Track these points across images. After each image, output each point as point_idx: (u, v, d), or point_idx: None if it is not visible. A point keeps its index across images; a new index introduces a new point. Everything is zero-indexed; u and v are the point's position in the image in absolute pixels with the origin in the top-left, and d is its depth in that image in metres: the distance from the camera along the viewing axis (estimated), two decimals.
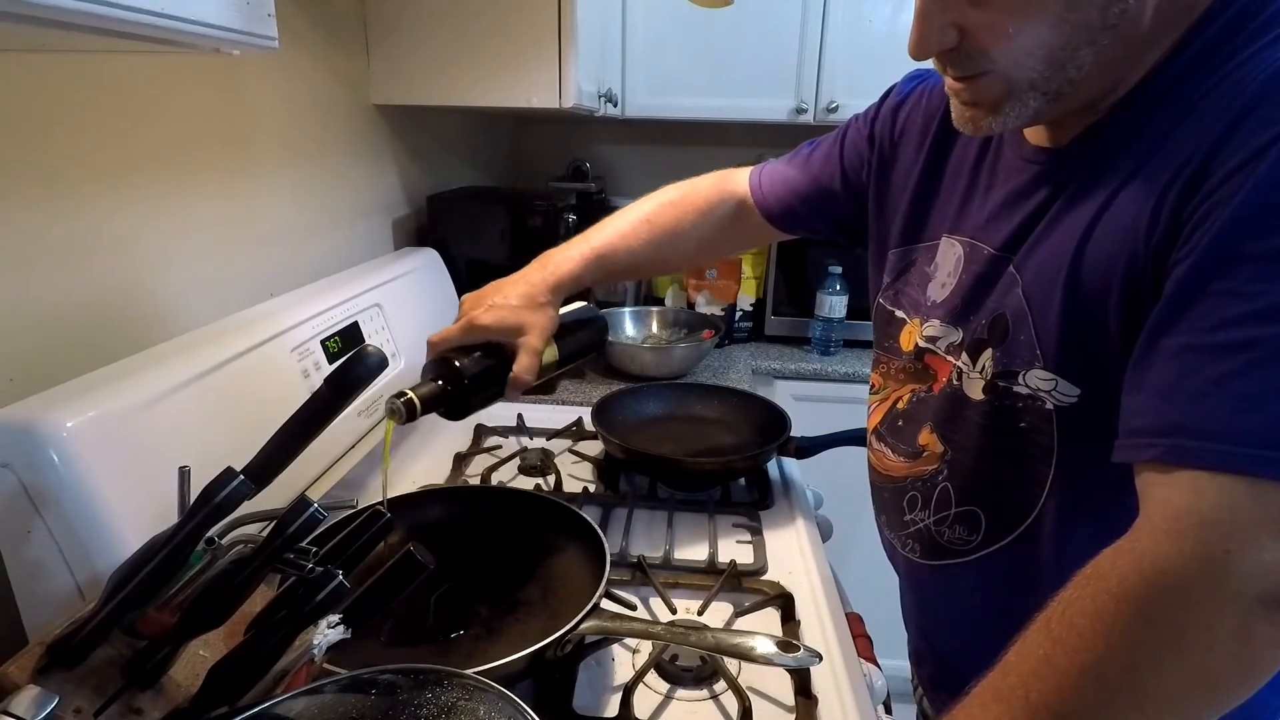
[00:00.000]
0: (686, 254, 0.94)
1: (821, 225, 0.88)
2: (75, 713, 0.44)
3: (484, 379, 0.75)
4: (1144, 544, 0.45)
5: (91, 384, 0.66)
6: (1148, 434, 0.48)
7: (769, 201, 0.89)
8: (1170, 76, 0.54)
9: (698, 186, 0.93)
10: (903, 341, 0.74)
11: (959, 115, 0.61)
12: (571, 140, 2.34)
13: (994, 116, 0.58)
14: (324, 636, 0.46)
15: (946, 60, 0.57)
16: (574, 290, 0.85)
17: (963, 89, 0.58)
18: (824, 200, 0.86)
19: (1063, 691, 0.43)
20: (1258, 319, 0.44)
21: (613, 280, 0.95)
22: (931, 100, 0.76)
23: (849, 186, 0.84)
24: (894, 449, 0.74)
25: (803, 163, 0.88)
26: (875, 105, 0.83)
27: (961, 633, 0.73)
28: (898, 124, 0.79)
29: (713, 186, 0.93)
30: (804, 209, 0.87)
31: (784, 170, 0.89)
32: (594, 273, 0.86)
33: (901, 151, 0.78)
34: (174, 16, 0.46)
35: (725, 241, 0.95)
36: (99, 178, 0.77)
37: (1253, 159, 0.45)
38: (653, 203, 0.92)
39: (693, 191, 0.93)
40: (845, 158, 0.84)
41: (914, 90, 0.79)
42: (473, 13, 1.27)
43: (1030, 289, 0.60)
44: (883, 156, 0.80)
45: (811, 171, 0.87)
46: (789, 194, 0.88)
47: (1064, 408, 0.58)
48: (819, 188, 0.86)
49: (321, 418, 0.50)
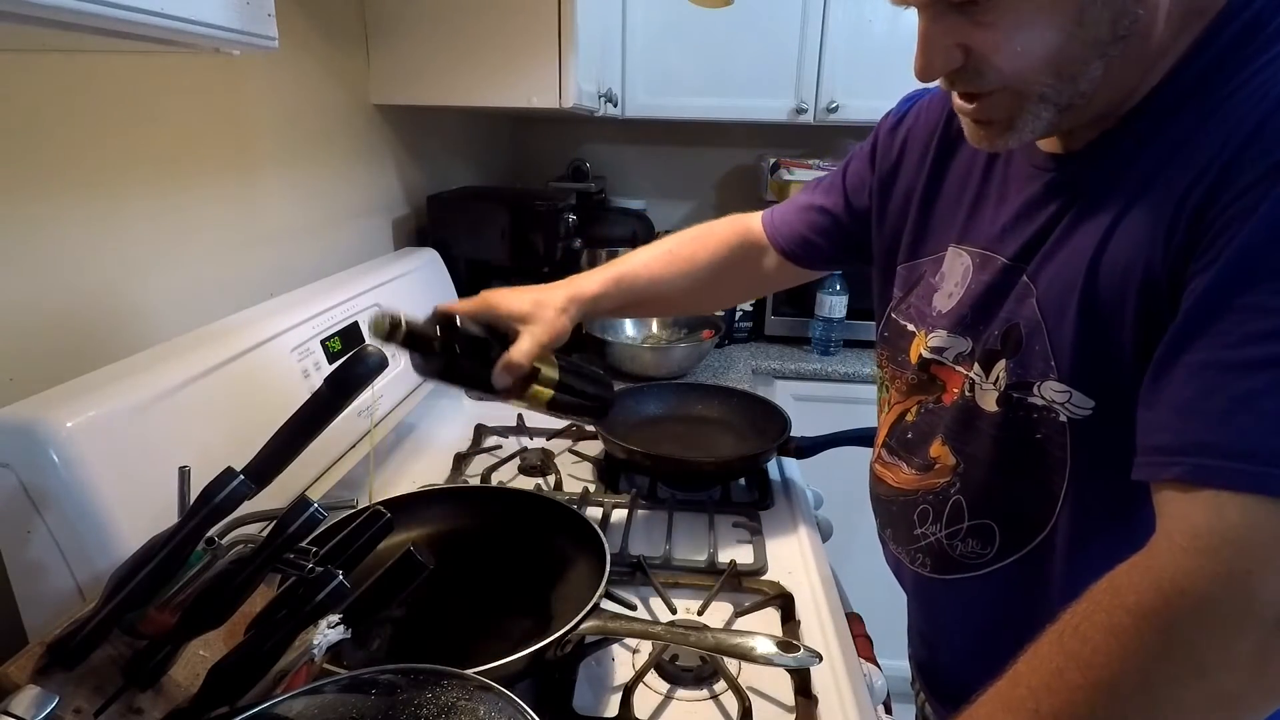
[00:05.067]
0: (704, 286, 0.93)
1: (836, 251, 0.89)
2: (75, 713, 0.44)
3: (476, 346, 0.73)
4: (1162, 561, 0.44)
5: (91, 384, 0.66)
6: (1169, 452, 0.47)
7: (783, 236, 0.90)
8: (1186, 83, 0.53)
9: (717, 225, 0.96)
10: (910, 354, 0.74)
11: (972, 133, 0.60)
12: (571, 140, 2.34)
13: (1009, 133, 0.57)
14: (324, 636, 0.46)
15: (954, 79, 0.56)
16: (593, 309, 0.85)
17: (973, 108, 0.57)
18: (834, 228, 0.87)
19: (1075, 707, 0.43)
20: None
21: (635, 308, 0.94)
22: (931, 115, 0.76)
23: (852, 211, 0.85)
24: (905, 462, 0.73)
25: (808, 195, 0.90)
26: (874, 130, 0.84)
27: (972, 646, 0.72)
28: (896, 142, 0.79)
29: (730, 224, 0.95)
30: (814, 237, 0.88)
31: (793, 206, 0.91)
32: (615, 294, 0.87)
33: (903, 168, 0.78)
34: (174, 16, 0.46)
35: (741, 279, 0.96)
36: (99, 177, 0.77)
37: (1274, 170, 0.45)
38: (676, 238, 0.95)
39: (713, 229, 0.95)
40: (848, 184, 0.85)
41: (911, 109, 0.80)
42: (473, 13, 1.27)
43: (1045, 299, 0.59)
44: (883, 176, 0.80)
45: (818, 202, 0.88)
46: (802, 226, 0.89)
47: (1078, 420, 0.58)
48: (828, 216, 0.87)
49: (321, 418, 0.50)
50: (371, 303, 1.11)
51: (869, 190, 0.82)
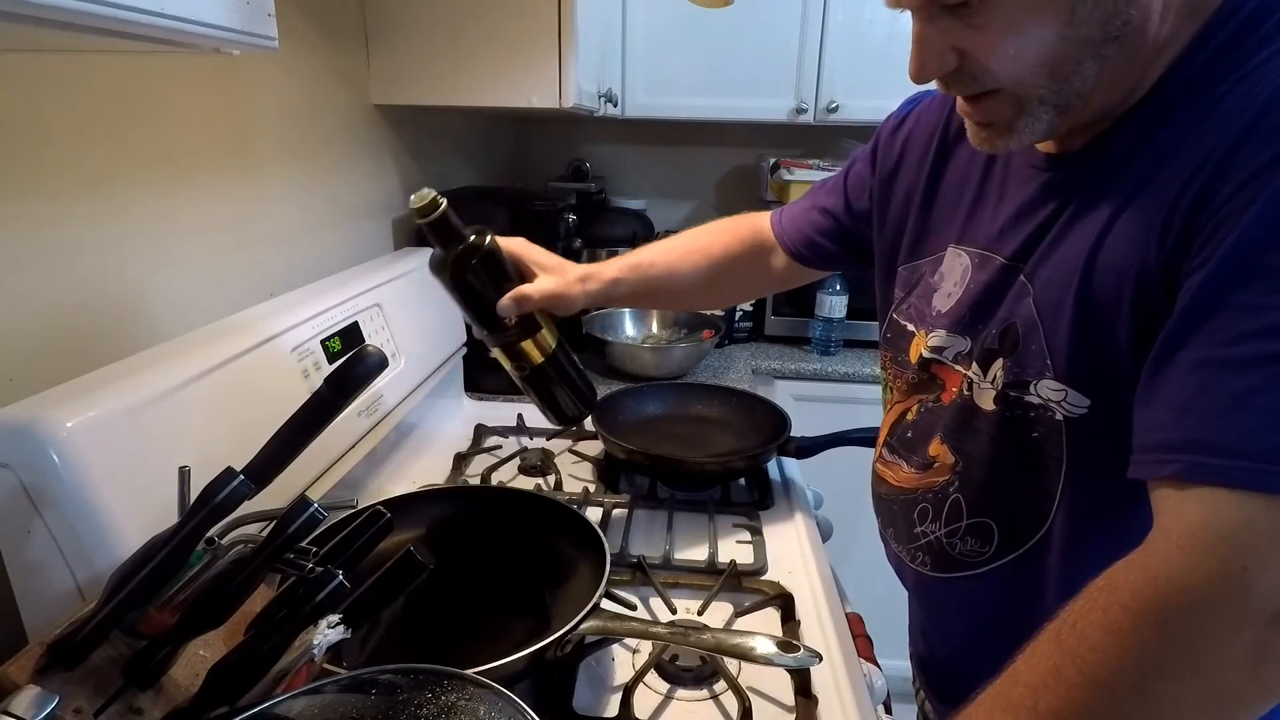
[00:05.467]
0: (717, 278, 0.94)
1: (841, 252, 0.89)
2: (75, 713, 0.44)
3: (497, 266, 0.76)
4: (1159, 558, 0.44)
5: (91, 384, 0.66)
6: (1166, 449, 0.47)
7: (791, 237, 0.91)
8: (1180, 83, 0.53)
9: (729, 221, 0.97)
10: (911, 354, 0.74)
11: (974, 135, 0.61)
12: (571, 140, 2.34)
13: (1009, 135, 0.57)
14: (324, 636, 0.46)
15: (949, 82, 0.57)
16: (610, 291, 0.86)
17: (973, 110, 0.58)
18: (837, 229, 0.88)
19: (1072, 704, 0.43)
20: (1277, 333, 0.43)
21: (648, 297, 0.96)
22: (931, 117, 0.76)
23: (854, 213, 0.86)
24: (905, 461, 0.74)
25: (813, 197, 0.91)
26: (876, 133, 0.84)
27: (972, 644, 0.72)
28: (897, 145, 0.79)
29: (743, 222, 0.97)
30: (822, 239, 0.89)
31: (800, 208, 0.92)
32: (631, 280, 0.88)
33: (903, 170, 0.78)
34: (174, 16, 0.46)
35: (751, 276, 0.97)
36: (98, 177, 0.77)
37: (1267, 168, 0.45)
38: (689, 232, 0.97)
39: (726, 224, 0.97)
40: (850, 186, 0.86)
41: (912, 111, 0.80)
42: (473, 13, 1.27)
43: (1041, 298, 0.59)
44: (884, 178, 0.80)
45: (821, 204, 0.89)
46: (808, 227, 0.90)
47: (1073, 419, 0.58)
48: (832, 218, 0.88)
49: (321, 418, 0.50)
50: (372, 303, 1.11)
51: (869, 192, 0.83)
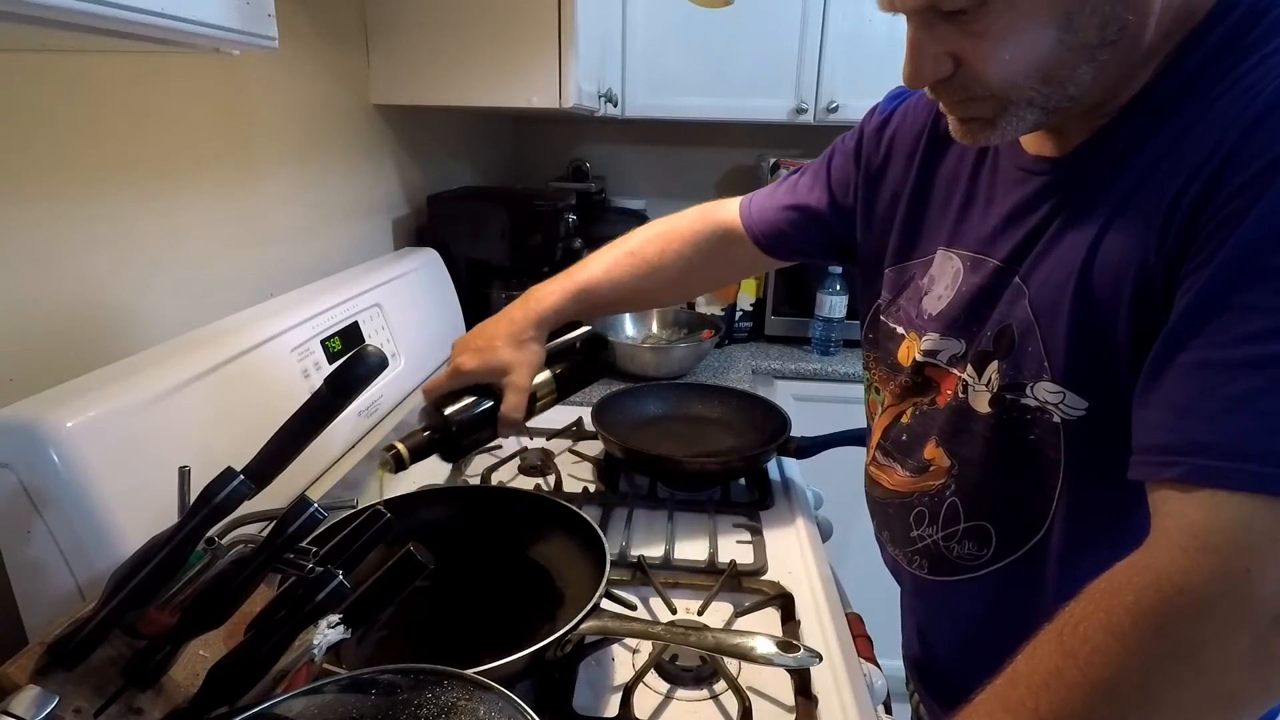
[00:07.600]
0: (671, 284, 0.93)
1: (812, 248, 0.88)
2: (75, 713, 0.44)
3: (472, 424, 0.79)
4: (1161, 560, 0.44)
5: (91, 384, 0.66)
6: (1166, 452, 0.47)
7: (759, 228, 0.89)
8: (1176, 83, 0.53)
9: (682, 218, 0.94)
10: (901, 357, 0.74)
11: (955, 127, 0.60)
12: (571, 140, 2.34)
13: (991, 130, 0.57)
14: (324, 636, 0.46)
15: (939, 89, 0.57)
16: (557, 324, 0.86)
17: (956, 105, 0.58)
18: (813, 223, 0.86)
19: (1074, 705, 0.43)
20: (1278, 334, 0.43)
21: (598, 314, 0.94)
22: (918, 116, 0.75)
23: (836, 208, 0.84)
24: (900, 464, 0.73)
25: (790, 188, 0.88)
26: (859, 126, 0.83)
27: (969, 646, 0.72)
28: (883, 143, 0.78)
29: (698, 217, 0.93)
30: (794, 232, 0.87)
31: (772, 196, 0.90)
32: (576, 306, 0.87)
33: (890, 170, 0.77)
34: (174, 16, 0.46)
35: (712, 271, 0.95)
36: (99, 177, 0.77)
37: (1269, 168, 0.45)
38: (637, 237, 0.93)
39: (677, 223, 0.93)
40: (832, 180, 0.84)
41: (897, 108, 0.79)
42: (473, 13, 1.27)
43: (1037, 300, 0.59)
44: (869, 176, 0.79)
45: (799, 196, 0.87)
46: (779, 218, 0.88)
47: (1071, 421, 0.58)
48: (807, 211, 0.86)
49: (321, 418, 0.50)
50: (372, 303, 1.11)
51: (854, 189, 0.81)
